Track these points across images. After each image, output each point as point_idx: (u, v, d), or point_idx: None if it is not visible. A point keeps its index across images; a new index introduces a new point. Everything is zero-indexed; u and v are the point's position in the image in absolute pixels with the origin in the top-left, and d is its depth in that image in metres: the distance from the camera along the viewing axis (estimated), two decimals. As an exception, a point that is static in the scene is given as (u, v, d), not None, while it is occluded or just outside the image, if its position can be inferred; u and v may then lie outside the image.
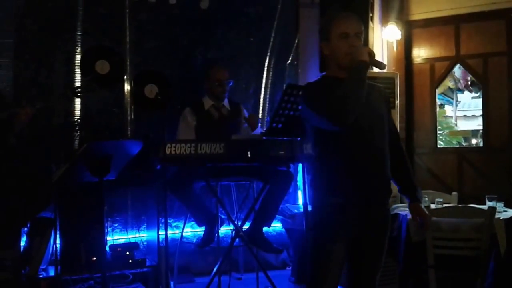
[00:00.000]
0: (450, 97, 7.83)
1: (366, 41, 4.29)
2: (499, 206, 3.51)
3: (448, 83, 6.88)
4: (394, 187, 4.22)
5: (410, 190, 2.47)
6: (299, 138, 3.24)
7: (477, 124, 7.15)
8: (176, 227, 4.39)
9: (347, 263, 2.37)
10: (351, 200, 2.26)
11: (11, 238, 3.34)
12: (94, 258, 3.62)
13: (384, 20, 4.86)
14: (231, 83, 4.14)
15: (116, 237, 4.19)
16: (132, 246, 3.86)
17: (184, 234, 4.17)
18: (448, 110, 8.01)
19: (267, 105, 4.83)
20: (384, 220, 2.37)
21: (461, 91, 7.58)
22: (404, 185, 2.48)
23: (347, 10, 4.14)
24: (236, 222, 3.79)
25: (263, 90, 4.82)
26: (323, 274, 2.29)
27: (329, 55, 2.31)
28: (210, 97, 4.12)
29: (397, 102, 4.36)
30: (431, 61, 4.94)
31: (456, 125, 8.20)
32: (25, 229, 3.60)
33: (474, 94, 7.37)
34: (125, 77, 4.23)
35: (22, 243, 3.58)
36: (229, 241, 3.82)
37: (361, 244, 2.32)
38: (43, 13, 4.04)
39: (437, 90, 5.02)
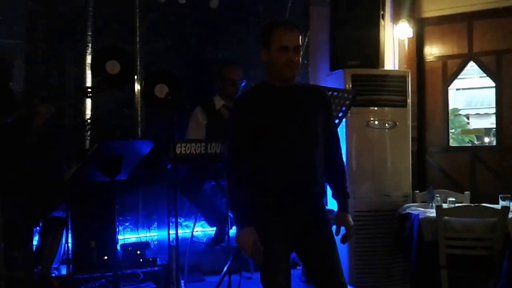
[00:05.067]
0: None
1: (377, 39, 4.27)
2: (513, 205, 3.47)
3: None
4: (404, 187, 4.23)
5: (340, 198, 2.52)
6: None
7: (490, 122, 7.09)
8: (186, 226, 4.40)
9: (304, 265, 2.41)
10: (278, 201, 2.35)
11: (23, 238, 3.38)
12: (106, 257, 3.64)
13: (396, 18, 4.82)
14: (244, 83, 4.14)
15: (127, 236, 4.20)
16: (143, 245, 3.87)
17: (194, 233, 4.19)
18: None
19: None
20: (317, 217, 2.40)
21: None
22: (335, 192, 2.53)
23: (358, 7, 4.24)
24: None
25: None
26: (272, 274, 2.31)
27: (267, 62, 2.40)
28: (222, 96, 4.12)
29: (409, 100, 4.32)
30: (444, 59, 4.89)
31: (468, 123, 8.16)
32: (38, 228, 3.63)
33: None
34: (136, 77, 4.25)
35: (35, 242, 3.61)
36: (240, 240, 3.81)
37: (304, 243, 2.38)
38: (54, 14, 4.06)
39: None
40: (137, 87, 4.26)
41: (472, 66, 4.98)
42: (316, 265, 2.38)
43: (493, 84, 4.78)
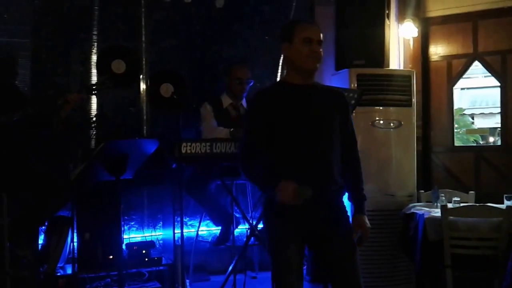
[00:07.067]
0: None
1: (382, 39, 4.27)
2: (518, 205, 3.47)
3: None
4: (409, 186, 4.22)
5: (356, 201, 2.50)
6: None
7: (495, 122, 7.07)
8: (191, 225, 4.41)
9: (320, 262, 2.41)
10: None
11: (29, 237, 3.38)
12: (111, 257, 3.65)
13: (401, 17, 4.81)
14: (251, 83, 4.14)
15: (132, 236, 4.22)
16: (148, 245, 3.88)
17: (199, 232, 4.19)
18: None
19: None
20: (335, 218, 2.39)
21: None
22: (351, 194, 2.51)
23: (363, 7, 4.23)
24: (251, 221, 3.79)
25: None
26: (284, 275, 2.31)
27: (289, 56, 2.40)
28: (229, 95, 4.13)
29: (414, 100, 4.31)
30: (448, 59, 4.87)
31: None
32: (43, 227, 3.64)
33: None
34: (141, 76, 4.26)
35: (40, 242, 3.62)
36: (244, 240, 3.83)
37: (321, 244, 2.37)
38: (60, 13, 4.08)
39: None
40: (142, 86, 4.27)
41: (477, 66, 4.97)
42: (333, 267, 2.36)
43: (498, 84, 4.76)
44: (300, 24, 2.38)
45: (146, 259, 3.77)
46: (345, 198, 2.52)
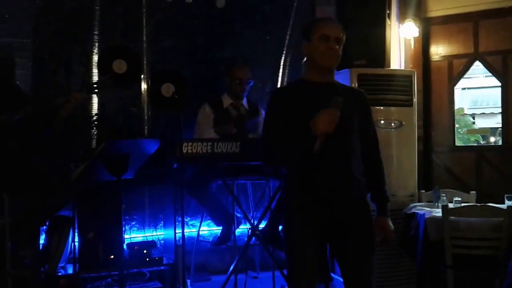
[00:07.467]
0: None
1: (383, 39, 4.27)
2: (519, 205, 3.47)
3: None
4: (410, 186, 4.22)
5: (379, 202, 2.46)
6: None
7: (496, 122, 7.07)
8: (192, 225, 4.41)
9: (338, 263, 2.40)
10: (309, 200, 2.30)
11: (30, 237, 3.39)
12: (112, 256, 3.65)
13: (402, 17, 4.81)
14: (251, 83, 4.14)
15: (133, 236, 4.22)
16: (149, 245, 3.88)
17: (200, 232, 4.19)
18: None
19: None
20: (352, 216, 2.34)
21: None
22: (374, 195, 2.48)
23: (364, 7, 4.23)
24: (252, 221, 3.80)
25: (278, 89, 4.80)
26: (297, 277, 2.30)
27: (307, 54, 2.40)
28: (230, 95, 4.14)
29: (415, 100, 4.31)
30: (449, 59, 4.88)
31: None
32: (44, 227, 3.65)
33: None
34: (142, 76, 4.25)
35: (41, 241, 3.63)
36: (246, 239, 3.83)
37: (338, 240, 2.35)
38: (61, 13, 4.08)
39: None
40: (143, 86, 4.27)
41: (477, 66, 4.98)
42: (348, 265, 2.35)
43: (499, 84, 4.77)
44: (318, 22, 2.40)
45: (147, 259, 3.77)
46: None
